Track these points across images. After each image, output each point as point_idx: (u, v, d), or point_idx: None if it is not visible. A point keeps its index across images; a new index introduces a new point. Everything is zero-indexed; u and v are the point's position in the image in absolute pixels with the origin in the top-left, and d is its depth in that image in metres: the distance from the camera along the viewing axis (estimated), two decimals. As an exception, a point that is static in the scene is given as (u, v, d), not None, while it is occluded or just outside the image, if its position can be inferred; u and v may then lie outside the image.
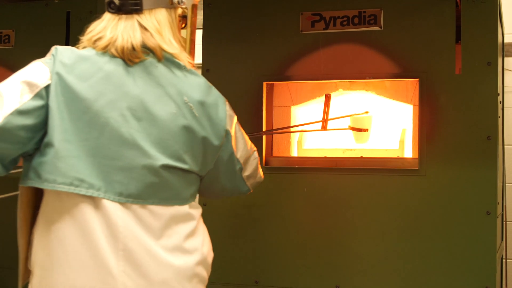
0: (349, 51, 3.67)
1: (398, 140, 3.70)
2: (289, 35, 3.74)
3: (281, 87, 3.90)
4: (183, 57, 2.28)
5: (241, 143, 2.42)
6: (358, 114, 3.68)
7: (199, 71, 3.77)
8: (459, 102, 3.48)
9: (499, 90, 3.77)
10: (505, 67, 4.96)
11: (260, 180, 2.62)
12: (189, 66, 2.28)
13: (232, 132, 2.34)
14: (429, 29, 3.55)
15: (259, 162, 2.59)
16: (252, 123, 3.76)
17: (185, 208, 2.23)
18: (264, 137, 3.77)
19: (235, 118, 2.39)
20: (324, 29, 3.69)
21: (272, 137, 3.87)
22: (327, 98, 3.62)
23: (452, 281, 3.48)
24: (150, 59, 2.21)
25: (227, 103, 2.35)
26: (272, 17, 3.79)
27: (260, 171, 2.61)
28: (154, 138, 2.14)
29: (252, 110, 3.77)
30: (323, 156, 3.76)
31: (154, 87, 2.18)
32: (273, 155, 3.85)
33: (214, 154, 2.29)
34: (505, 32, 4.85)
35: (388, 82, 3.71)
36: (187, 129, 2.18)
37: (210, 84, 2.31)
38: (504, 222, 4.77)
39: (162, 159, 2.14)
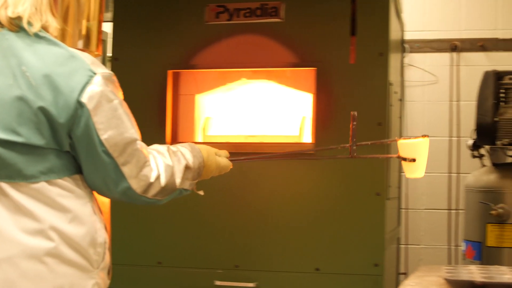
0: (252, 42, 3.86)
1: (298, 127, 3.89)
2: (194, 26, 3.91)
3: (186, 75, 4.06)
4: (51, 30, 2.19)
5: (114, 124, 2.12)
6: (407, 139, 2.79)
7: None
8: (352, 91, 3.72)
9: (393, 81, 4.00)
10: (408, 62, 5.22)
11: (169, 187, 2.27)
12: (53, 37, 2.17)
13: (91, 106, 2.08)
14: (326, 22, 3.78)
15: (173, 170, 2.28)
16: (157, 111, 3.91)
17: (42, 187, 2.09)
18: (168, 122, 3.94)
19: (111, 96, 2.13)
20: (228, 20, 3.86)
21: (177, 123, 4.02)
22: (353, 118, 2.79)
23: (344, 259, 3.70)
24: (3, 31, 2.14)
25: (103, 77, 2.12)
26: (178, 7, 3.95)
27: (175, 177, 2.28)
28: None
29: (157, 98, 3.92)
30: (226, 142, 3.93)
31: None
32: (178, 140, 4.00)
33: (63, 127, 2.08)
34: (407, 29, 5.10)
35: (289, 71, 3.91)
36: (21, 100, 2.04)
37: (75, 56, 2.13)
38: (400, 209, 5.02)
39: None
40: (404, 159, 2.72)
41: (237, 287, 3.78)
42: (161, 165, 2.23)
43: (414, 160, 2.70)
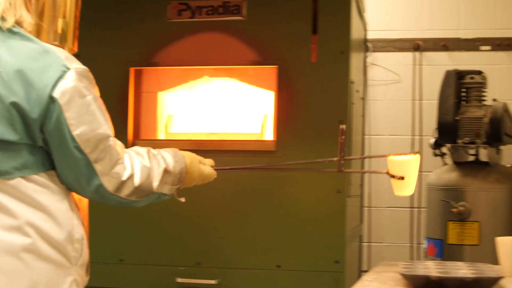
0: (214, 39, 3.88)
1: (260, 125, 3.91)
2: (157, 23, 3.92)
3: (149, 73, 4.07)
4: (26, 25, 2.20)
5: (87, 120, 2.10)
6: (398, 156, 2.67)
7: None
8: (314, 88, 3.75)
9: (355, 79, 4.04)
10: (371, 61, 5.25)
11: (145, 189, 2.23)
12: (27, 32, 2.17)
13: (63, 102, 2.07)
14: (288, 20, 3.81)
15: (149, 171, 2.24)
16: (119, 109, 3.92)
17: (17, 183, 2.08)
18: (130, 119, 3.94)
19: (85, 91, 2.11)
20: (190, 17, 3.87)
21: (139, 120, 4.02)
22: (341, 132, 2.72)
23: (305, 256, 3.74)
24: None
25: (76, 73, 2.10)
26: (141, 5, 3.96)
27: (153, 179, 2.25)
28: None
29: (119, 95, 3.93)
30: (188, 139, 3.94)
31: None
32: (140, 138, 4.01)
33: (36, 123, 2.07)
34: (370, 28, 5.14)
35: (251, 69, 3.93)
36: None
37: (49, 51, 2.12)
38: (363, 207, 5.05)
39: None
40: (393, 176, 2.62)
41: (199, 284, 3.79)
42: (137, 165, 2.20)
43: (402, 178, 2.61)
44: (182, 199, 2.49)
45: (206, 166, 2.54)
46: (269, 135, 3.89)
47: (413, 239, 5.24)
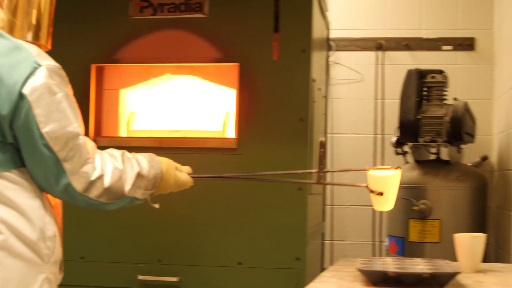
0: (176, 37, 3.88)
1: (222, 122, 3.91)
2: (118, 20, 3.91)
3: (111, 70, 4.06)
4: None
5: (56, 118, 2.08)
6: (378, 170, 2.60)
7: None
8: (275, 86, 3.76)
9: (317, 78, 4.06)
10: (334, 60, 5.28)
11: (116, 191, 2.20)
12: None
13: (32, 98, 2.05)
14: (250, 18, 3.82)
15: (122, 173, 2.21)
16: (81, 105, 3.87)
17: None
18: (91, 116, 3.93)
19: (55, 88, 2.10)
20: (152, 15, 3.87)
21: (100, 117, 4.01)
22: (321, 145, 2.79)
23: (267, 253, 3.75)
24: None
25: (47, 70, 2.09)
26: (103, 2, 3.95)
27: (125, 182, 2.22)
28: None
29: (81, 92, 3.90)
30: (150, 136, 3.93)
31: None
32: (102, 135, 4.00)
33: (5, 119, 2.05)
34: (333, 27, 5.17)
35: (212, 67, 3.93)
36: None
37: (20, 47, 2.11)
38: (325, 205, 5.07)
39: None
40: (372, 191, 2.55)
41: (160, 282, 3.79)
42: (108, 166, 2.17)
43: (381, 194, 2.54)
44: (156, 205, 2.46)
45: (182, 173, 2.51)
46: (230, 132, 3.90)
47: (375, 237, 5.28)
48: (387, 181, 2.56)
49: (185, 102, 4.05)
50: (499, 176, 4.99)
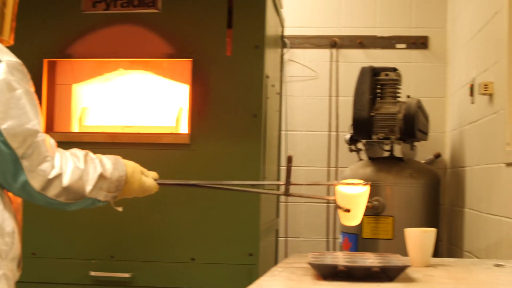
0: (129, 32, 3.87)
1: (175, 118, 3.90)
2: (71, 15, 3.88)
3: (63, 65, 4.03)
4: None
5: (15, 114, 2.06)
6: (347, 186, 2.58)
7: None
8: (229, 82, 3.77)
9: (271, 74, 4.06)
10: (289, 58, 5.29)
11: (75, 191, 2.19)
12: None
13: None
14: (203, 14, 3.83)
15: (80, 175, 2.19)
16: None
17: None
18: (43, 111, 3.88)
19: (15, 84, 2.09)
20: (105, 9, 3.84)
21: (53, 112, 3.98)
22: (289, 160, 2.64)
23: (219, 249, 3.75)
24: None
25: (7, 65, 2.11)
26: (55, -4, 3.92)
27: (86, 183, 2.21)
28: None
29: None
30: (103, 132, 3.91)
31: None
32: (54, 130, 3.97)
33: None
34: (288, 24, 5.18)
35: (166, 62, 3.92)
36: None
37: None
38: (279, 202, 5.08)
39: None
40: (339, 207, 2.55)
41: (113, 278, 3.77)
42: (69, 165, 2.15)
43: (348, 210, 2.54)
44: (119, 208, 2.42)
45: (148, 178, 2.48)
46: (184, 128, 3.89)
47: (329, 234, 5.30)
48: (355, 199, 2.56)
49: (138, 98, 4.04)
50: (452, 174, 5.04)
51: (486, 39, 3.99)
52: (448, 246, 5.06)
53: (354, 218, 2.59)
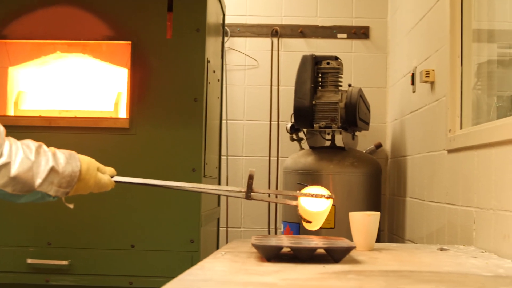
0: (67, 13, 3.78)
1: (113, 103, 3.82)
2: (5, -6, 3.79)
3: (-2, 47, 3.93)
4: None
5: None
6: (308, 196, 2.58)
7: None
8: (169, 66, 3.70)
9: (212, 60, 4.01)
10: (230, 46, 5.25)
11: (23, 182, 2.09)
12: None
13: None
14: (143, -4, 3.74)
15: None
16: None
17: None
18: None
19: None
20: (42, -10, 3.76)
21: (-13, 96, 3.88)
22: (250, 177, 2.71)
23: (160, 235, 3.69)
24: None
25: None
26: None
27: (35, 176, 2.11)
28: None
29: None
30: (39, 116, 3.81)
31: None
32: (-11, 115, 3.87)
33: None
34: (229, 13, 5.14)
35: (105, 45, 3.84)
36: None
37: None
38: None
39: None
40: (302, 218, 2.57)
41: (50, 265, 3.68)
42: (18, 155, 2.04)
43: (310, 222, 2.56)
44: (71, 205, 2.35)
45: (104, 175, 2.39)
46: (123, 112, 3.81)
47: (271, 223, 5.27)
48: (318, 215, 2.57)
49: (76, 82, 3.95)
50: (393, 163, 5.06)
51: (428, 27, 4.00)
52: (389, 236, 5.08)
53: (315, 226, 2.59)
